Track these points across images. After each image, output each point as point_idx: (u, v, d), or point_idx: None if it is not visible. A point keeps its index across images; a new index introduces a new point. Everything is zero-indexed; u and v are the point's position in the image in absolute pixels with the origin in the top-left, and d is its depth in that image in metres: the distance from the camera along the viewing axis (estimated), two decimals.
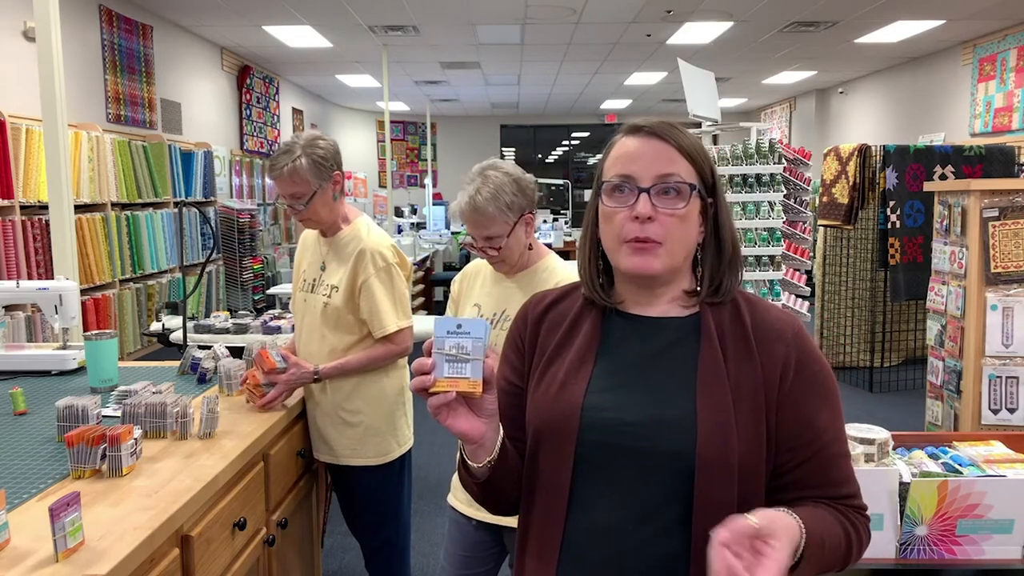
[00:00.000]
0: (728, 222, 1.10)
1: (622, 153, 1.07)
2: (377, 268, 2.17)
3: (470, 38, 8.41)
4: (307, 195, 2.12)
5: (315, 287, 2.25)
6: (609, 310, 1.12)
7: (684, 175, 1.04)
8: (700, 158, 1.07)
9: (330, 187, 2.17)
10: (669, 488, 0.99)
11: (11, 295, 2.54)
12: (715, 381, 1.01)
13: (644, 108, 14.84)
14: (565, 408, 1.05)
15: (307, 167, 2.10)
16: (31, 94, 4.57)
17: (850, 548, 1.02)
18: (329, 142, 2.19)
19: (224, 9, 7.09)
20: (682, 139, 1.06)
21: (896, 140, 8.78)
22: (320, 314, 2.20)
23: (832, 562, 1.00)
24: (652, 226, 1.03)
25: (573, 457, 1.03)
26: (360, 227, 2.25)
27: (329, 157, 2.16)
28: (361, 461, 2.23)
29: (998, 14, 7.40)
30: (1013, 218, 2.79)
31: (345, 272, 2.18)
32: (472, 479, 1.08)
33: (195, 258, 7.14)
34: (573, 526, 1.03)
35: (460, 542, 1.96)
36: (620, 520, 1.00)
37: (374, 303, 2.16)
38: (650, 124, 1.07)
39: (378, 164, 15.18)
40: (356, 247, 2.19)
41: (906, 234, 5.39)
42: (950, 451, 1.81)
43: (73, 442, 1.55)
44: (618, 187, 1.05)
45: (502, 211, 1.80)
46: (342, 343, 2.20)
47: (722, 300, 1.09)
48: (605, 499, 1.02)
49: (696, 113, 5.08)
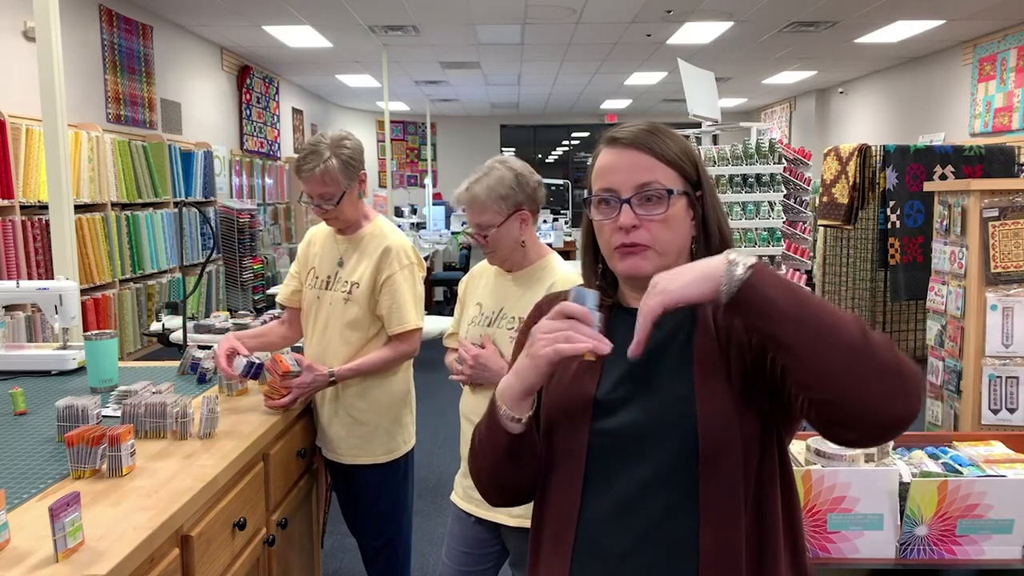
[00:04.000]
0: (714, 215, 1.14)
1: (603, 166, 1.13)
2: (402, 265, 2.20)
3: (470, 38, 8.41)
4: (337, 195, 2.15)
5: (331, 284, 2.25)
6: (614, 308, 1.17)
7: (663, 180, 1.09)
8: (679, 160, 1.11)
9: (356, 186, 2.21)
10: (676, 469, 1.03)
11: (11, 295, 2.54)
12: (712, 364, 1.06)
13: (644, 108, 14.84)
14: (579, 398, 1.10)
15: (338, 168, 2.13)
16: (31, 94, 4.56)
17: (864, 327, 0.91)
18: (355, 141, 2.23)
19: (224, 9, 7.08)
20: (657, 146, 1.10)
21: (896, 140, 8.77)
22: (340, 311, 2.20)
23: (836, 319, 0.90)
24: (638, 232, 1.09)
25: (587, 447, 1.08)
26: (383, 225, 2.29)
27: (356, 157, 2.20)
28: (368, 459, 2.23)
29: (998, 14, 7.40)
30: (1013, 218, 2.79)
31: (368, 268, 2.19)
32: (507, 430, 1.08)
33: (195, 258, 7.14)
34: (587, 512, 1.07)
35: (460, 538, 1.98)
36: (631, 504, 1.04)
37: (397, 298, 2.18)
38: (627, 135, 1.12)
39: (378, 164, 15.18)
40: (381, 243, 2.21)
41: (906, 234, 5.39)
42: (950, 451, 1.81)
43: (73, 442, 1.55)
44: (603, 200, 1.12)
45: (495, 201, 1.86)
46: (358, 341, 2.21)
47: None
48: (616, 485, 1.06)
49: (696, 113, 5.08)
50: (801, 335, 0.89)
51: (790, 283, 0.93)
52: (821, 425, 0.95)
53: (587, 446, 1.08)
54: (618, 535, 1.04)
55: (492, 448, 1.12)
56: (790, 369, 0.93)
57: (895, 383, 0.89)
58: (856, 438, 0.94)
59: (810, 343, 0.89)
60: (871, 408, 0.89)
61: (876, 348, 0.89)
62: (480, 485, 1.19)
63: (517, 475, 1.14)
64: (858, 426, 0.91)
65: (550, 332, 1.00)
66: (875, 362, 0.88)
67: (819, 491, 1.62)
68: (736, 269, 0.92)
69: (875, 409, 0.89)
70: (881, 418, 0.89)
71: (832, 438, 0.95)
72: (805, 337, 0.89)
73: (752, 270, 0.91)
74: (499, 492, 1.18)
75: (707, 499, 1.01)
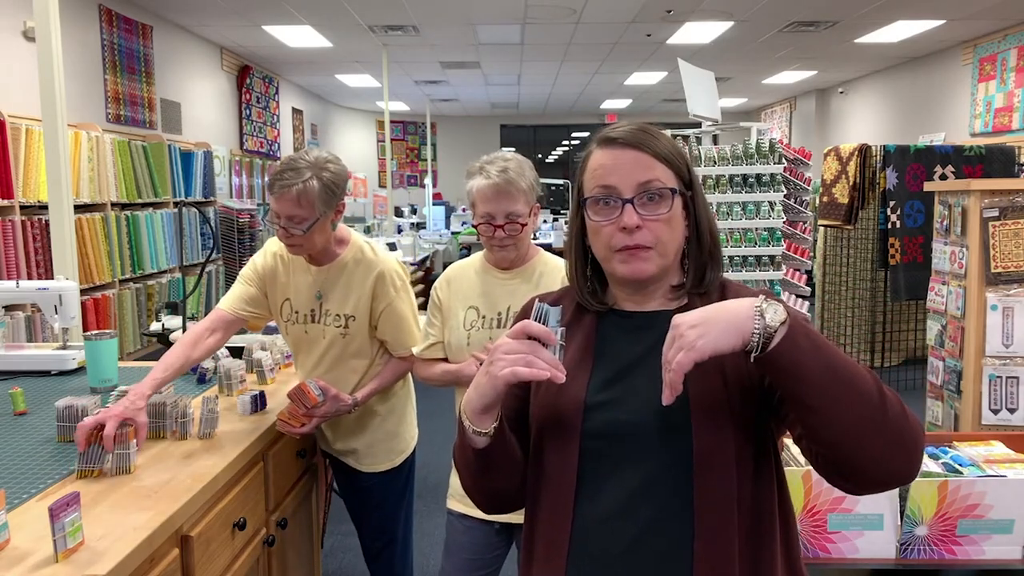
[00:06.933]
0: (706, 215, 1.13)
1: (599, 165, 1.10)
2: (397, 289, 2.09)
3: (470, 38, 8.40)
4: (308, 221, 1.92)
5: (318, 317, 2.12)
6: (604, 311, 1.15)
7: (663, 179, 1.08)
8: (675, 159, 1.10)
9: (332, 216, 2.00)
10: (670, 472, 1.01)
11: (11, 295, 2.54)
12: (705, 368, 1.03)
13: (644, 108, 14.84)
14: (569, 403, 1.08)
15: (317, 191, 1.90)
16: (31, 94, 4.56)
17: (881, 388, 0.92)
18: (340, 167, 2.00)
19: (224, 9, 7.08)
20: (656, 144, 1.09)
21: (896, 140, 8.76)
22: (341, 345, 2.11)
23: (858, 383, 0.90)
24: (640, 233, 1.06)
25: (579, 451, 1.06)
26: (363, 247, 2.11)
27: (339, 184, 1.97)
28: (376, 468, 2.21)
29: (998, 14, 7.40)
30: (1013, 218, 2.79)
31: (362, 299, 2.07)
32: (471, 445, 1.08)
33: (195, 258, 7.13)
34: (580, 517, 1.05)
35: (467, 546, 1.95)
36: (625, 508, 1.03)
37: (400, 324, 2.10)
38: (622, 134, 1.10)
39: (378, 164, 15.18)
40: (370, 270, 2.07)
41: (906, 234, 5.39)
42: (950, 451, 1.81)
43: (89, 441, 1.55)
44: (602, 200, 1.08)
45: (529, 189, 1.83)
46: (364, 367, 2.15)
47: (706, 290, 1.12)
48: (609, 489, 1.04)
49: (696, 113, 5.08)
50: (824, 401, 0.90)
51: (818, 341, 0.91)
52: (822, 470, 0.97)
53: (579, 450, 1.06)
54: (612, 539, 1.03)
55: (465, 460, 1.11)
56: (804, 424, 0.94)
57: (902, 444, 0.92)
58: (852, 488, 0.98)
59: (832, 408, 0.90)
60: (876, 466, 0.92)
61: (890, 409, 0.91)
62: (469, 495, 1.17)
63: (496, 483, 1.12)
64: (859, 480, 0.95)
65: (510, 353, 0.98)
66: (888, 424, 0.91)
67: (819, 491, 1.62)
68: (766, 321, 0.89)
69: (879, 467, 0.92)
70: (883, 475, 0.93)
71: (829, 481, 0.98)
72: (828, 403, 0.90)
73: (784, 328, 0.89)
74: (487, 500, 1.17)
75: (701, 503, 0.99)
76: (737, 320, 0.90)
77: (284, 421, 1.97)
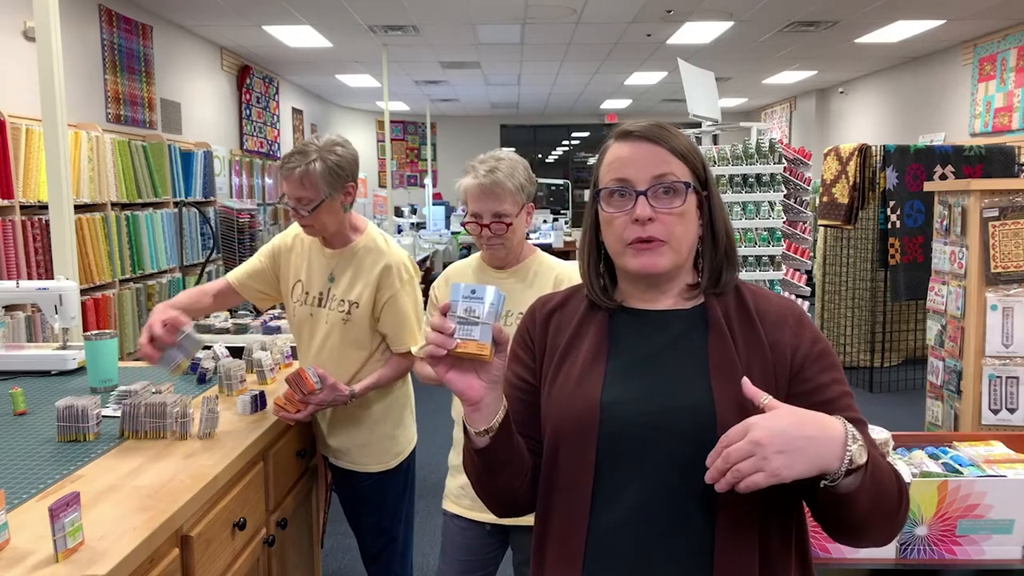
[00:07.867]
0: (721, 215, 1.13)
1: (616, 158, 1.10)
2: (403, 282, 2.11)
3: (470, 38, 8.40)
4: (314, 201, 2.00)
5: (324, 301, 2.15)
6: (615, 308, 1.14)
7: (678, 174, 1.07)
8: (692, 156, 1.10)
9: (340, 198, 2.05)
10: (691, 475, 0.99)
11: (11, 295, 2.54)
12: (727, 365, 1.03)
13: (644, 108, 14.83)
14: (584, 404, 1.06)
15: (320, 173, 1.98)
16: (31, 94, 4.56)
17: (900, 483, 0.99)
18: (348, 150, 2.07)
19: (224, 9, 7.08)
20: (672, 140, 1.09)
21: (896, 140, 8.76)
22: (341, 331, 2.13)
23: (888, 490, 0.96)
24: (653, 226, 1.05)
25: (596, 452, 1.04)
26: (376, 237, 2.16)
27: (345, 167, 2.03)
28: (375, 467, 2.21)
29: (998, 14, 7.40)
30: (1013, 218, 2.79)
31: (367, 287, 2.10)
32: (470, 445, 1.07)
33: (195, 258, 7.13)
34: (597, 521, 1.03)
35: (462, 547, 1.96)
36: (643, 511, 1.01)
37: (401, 318, 2.11)
38: (640, 128, 1.10)
39: (378, 164, 15.18)
40: (379, 260, 2.10)
41: (906, 234, 5.39)
42: (950, 451, 1.81)
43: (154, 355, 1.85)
44: (616, 192, 1.08)
45: (517, 189, 1.84)
46: (361, 359, 2.16)
47: (723, 291, 1.11)
48: (627, 492, 1.02)
49: (696, 113, 5.08)
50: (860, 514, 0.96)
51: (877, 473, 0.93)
52: (824, 529, 1.02)
53: (596, 451, 1.04)
54: (629, 543, 1.01)
55: (469, 460, 1.10)
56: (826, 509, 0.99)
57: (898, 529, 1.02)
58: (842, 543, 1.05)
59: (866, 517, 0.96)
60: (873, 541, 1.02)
61: (902, 509, 1.00)
62: (480, 497, 1.16)
63: (499, 483, 1.11)
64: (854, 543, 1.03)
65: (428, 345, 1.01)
66: (898, 519, 1.00)
67: None
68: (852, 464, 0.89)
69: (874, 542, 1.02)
70: (874, 544, 1.03)
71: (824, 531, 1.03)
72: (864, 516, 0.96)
73: (862, 472, 0.91)
74: (494, 501, 1.15)
75: (725, 506, 0.98)
76: (825, 459, 0.89)
77: (280, 406, 1.99)
